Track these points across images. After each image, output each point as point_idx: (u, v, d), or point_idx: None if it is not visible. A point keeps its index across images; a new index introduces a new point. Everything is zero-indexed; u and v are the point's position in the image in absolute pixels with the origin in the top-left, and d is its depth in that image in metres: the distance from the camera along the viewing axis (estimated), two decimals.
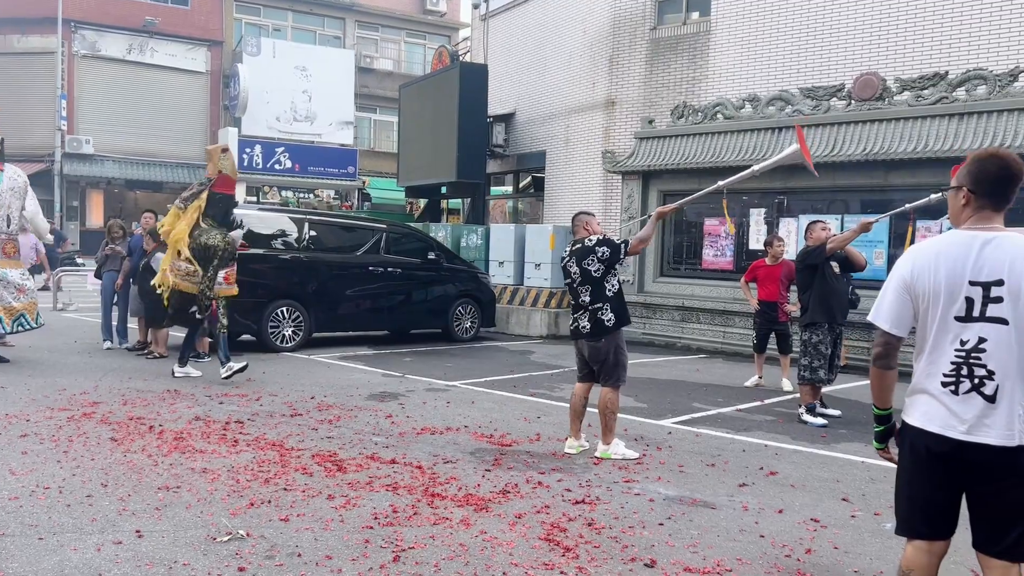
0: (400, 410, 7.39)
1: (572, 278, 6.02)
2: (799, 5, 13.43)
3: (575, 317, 6.06)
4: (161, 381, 8.44)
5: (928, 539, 2.74)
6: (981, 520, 2.67)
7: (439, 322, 12.99)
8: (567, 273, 6.07)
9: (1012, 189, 2.68)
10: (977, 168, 2.69)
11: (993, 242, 2.61)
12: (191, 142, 29.13)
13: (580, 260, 5.94)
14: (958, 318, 2.62)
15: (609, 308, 5.90)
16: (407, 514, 4.46)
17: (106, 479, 4.92)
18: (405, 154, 20.61)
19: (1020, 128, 9.92)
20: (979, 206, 2.69)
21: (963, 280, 2.61)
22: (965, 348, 2.61)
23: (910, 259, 2.74)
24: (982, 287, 2.60)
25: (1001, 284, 2.56)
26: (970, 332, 2.61)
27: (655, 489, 5.18)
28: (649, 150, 13.98)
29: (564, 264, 6.10)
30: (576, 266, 5.96)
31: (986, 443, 2.56)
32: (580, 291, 5.97)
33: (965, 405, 2.60)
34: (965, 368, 2.61)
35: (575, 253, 6.01)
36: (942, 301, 2.64)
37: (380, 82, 31.29)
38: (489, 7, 20.45)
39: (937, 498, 2.70)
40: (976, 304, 2.60)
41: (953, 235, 2.71)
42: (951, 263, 2.64)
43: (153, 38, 28.25)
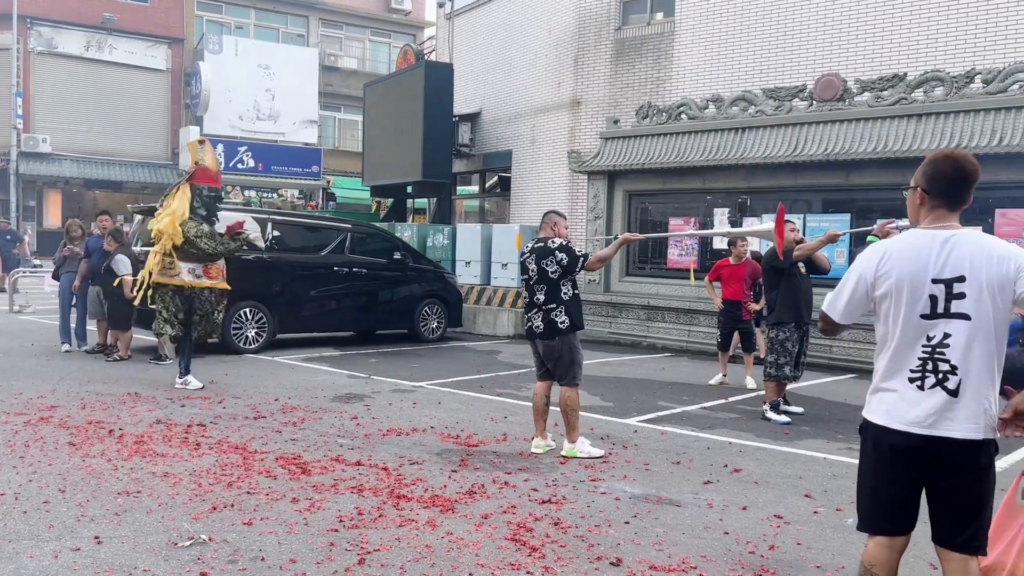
0: (366, 411, 7.34)
1: (529, 275, 6.02)
2: (762, 7, 13.58)
3: (529, 316, 6.06)
4: (121, 384, 8.29)
5: (890, 535, 2.78)
6: (942, 514, 2.71)
7: (405, 323, 12.93)
8: (524, 269, 6.08)
9: (967, 189, 2.73)
10: (932, 169, 2.75)
11: (952, 240, 2.66)
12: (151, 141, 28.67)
13: (539, 259, 5.94)
14: (923, 316, 2.67)
15: (563, 311, 5.89)
16: (372, 516, 4.43)
17: (64, 484, 4.81)
18: (370, 153, 20.49)
19: (976, 129, 10.13)
20: (934, 206, 2.74)
21: (926, 278, 2.66)
22: (931, 344, 2.66)
23: (873, 258, 2.78)
24: (944, 284, 2.64)
25: (963, 280, 2.61)
26: (936, 329, 2.65)
27: (621, 488, 5.20)
28: (614, 150, 14.04)
29: (523, 260, 6.11)
30: (535, 264, 5.96)
31: (950, 436, 2.60)
32: (536, 289, 5.97)
33: (929, 400, 2.64)
34: (930, 363, 2.66)
35: (536, 251, 6.00)
36: (905, 299, 2.68)
37: (344, 81, 31.07)
38: (454, 6, 20.40)
39: (899, 494, 2.74)
40: (940, 301, 2.64)
41: (913, 234, 2.75)
42: (913, 262, 2.68)
43: (112, 35, 27.73)
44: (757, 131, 12.23)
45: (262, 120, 27.59)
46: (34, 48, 27.09)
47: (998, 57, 10.93)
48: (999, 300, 2.60)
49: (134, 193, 27.92)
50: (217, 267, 8.59)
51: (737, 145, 12.35)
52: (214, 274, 8.55)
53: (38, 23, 27.01)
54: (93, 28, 27.45)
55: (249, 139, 27.16)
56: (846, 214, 11.48)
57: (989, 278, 2.59)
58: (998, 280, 2.59)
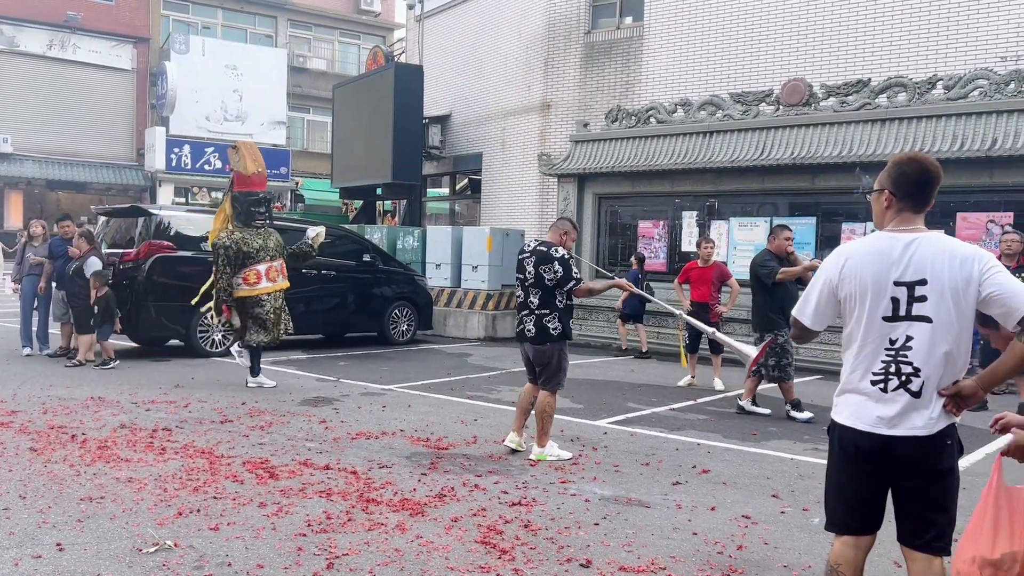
0: (334, 415, 7.29)
1: (526, 276, 5.93)
2: (730, 12, 13.72)
3: (521, 318, 5.99)
4: (84, 388, 8.15)
5: (856, 534, 2.81)
6: (906, 514, 2.74)
7: (375, 325, 12.86)
8: (521, 268, 5.96)
9: (930, 191, 2.76)
10: (897, 171, 2.77)
11: (915, 242, 2.68)
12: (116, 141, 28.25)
13: (539, 263, 5.86)
14: (885, 318, 2.70)
15: (557, 318, 5.87)
16: (341, 520, 4.40)
17: (25, 491, 4.72)
18: (339, 155, 20.37)
19: (938, 134, 10.32)
20: (900, 208, 2.77)
21: (888, 280, 2.69)
22: (894, 347, 2.69)
23: (838, 261, 2.82)
24: (907, 287, 2.67)
25: (924, 283, 2.64)
26: (898, 331, 2.68)
27: (591, 489, 5.22)
28: (584, 153, 14.10)
29: (521, 259, 5.98)
30: (533, 267, 5.88)
31: (911, 435, 2.64)
32: (530, 292, 5.90)
33: (892, 402, 2.68)
34: (894, 366, 2.69)
35: (536, 254, 5.90)
36: (868, 301, 2.71)
37: (313, 82, 30.87)
38: (424, 8, 20.37)
39: (865, 494, 2.77)
40: (902, 304, 2.67)
41: (877, 237, 2.78)
42: (876, 264, 2.71)
43: (75, 34, 27.28)
44: (725, 135, 12.35)
45: (229, 121, 27.31)
46: None
47: (959, 64, 11.16)
48: (962, 302, 2.62)
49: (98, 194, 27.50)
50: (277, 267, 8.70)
51: (705, 149, 12.45)
52: (273, 276, 8.64)
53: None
54: (56, 26, 26.99)
55: (216, 140, 26.86)
56: (812, 217, 11.63)
57: (952, 280, 2.61)
58: (961, 282, 2.61)
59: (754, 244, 12.10)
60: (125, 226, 11.31)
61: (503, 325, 14.51)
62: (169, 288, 10.44)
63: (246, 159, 8.67)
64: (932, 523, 2.69)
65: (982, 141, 9.93)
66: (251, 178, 8.67)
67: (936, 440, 2.66)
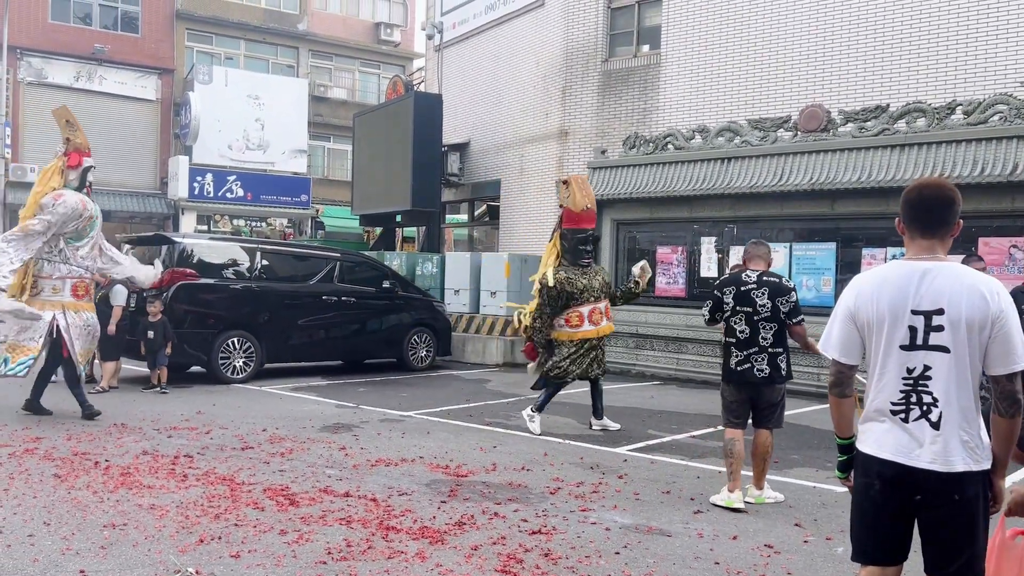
0: (354, 442, 7.30)
1: (757, 311, 5.54)
2: (746, 39, 13.78)
3: (748, 356, 5.54)
4: (107, 415, 8.22)
5: (882, 564, 2.78)
6: (930, 544, 2.71)
7: (394, 351, 12.90)
8: (749, 302, 5.55)
9: (937, 215, 2.72)
10: (904, 199, 2.80)
11: (932, 272, 2.67)
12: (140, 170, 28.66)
13: (774, 296, 5.53)
14: (903, 346, 2.69)
15: (787, 355, 5.64)
16: (361, 548, 4.40)
17: (49, 518, 4.76)
18: (359, 183, 20.56)
19: (958, 159, 10.27)
20: (912, 235, 2.77)
21: (906, 309, 2.68)
22: (912, 376, 2.68)
23: (854, 289, 2.82)
24: (924, 316, 2.66)
25: (942, 313, 2.63)
26: (915, 360, 2.67)
27: (611, 518, 5.19)
28: (602, 179, 14.14)
29: (747, 290, 5.57)
30: (769, 300, 5.52)
31: (932, 469, 2.62)
32: (762, 327, 5.53)
33: (915, 432, 2.66)
34: (914, 395, 2.67)
35: (768, 285, 5.55)
36: (886, 329, 2.71)
37: (334, 111, 31.22)
38: (443, 38, 20.61)
39: (890, 524, 2.74)
40: (919, 333, 2.66)
41: (895, 265, 2.78)
42: (893, 292, 2.71)
43: (102, 66, 27.81)
44: (743, 161, 12.36)
45: (251, 150, 27.65)
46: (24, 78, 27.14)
47: (978, 89, 11.12)
48: (976, 335, 2.61)
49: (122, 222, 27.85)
50: (601, 309, 8.18)
51: (723, 175, 12.46)
52: (596, 319, 8.15)
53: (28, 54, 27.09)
54: (84, 59, 27.54)
55: (238, 169, 27.19)
56: (831, 243, 11.58)
57: (970, 312, 2.60)
58: (979, 316, 2.60)
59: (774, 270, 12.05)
60: (149, 254, 11.46)
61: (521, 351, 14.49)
62: (191, 315, 10.56)
63: (576, 194, 8.24)
64: (959, 554, 2.65)
65: (1003, 166, 9.87)
66: (580, 214, 8.24)
67: (954, 474, 2.63)
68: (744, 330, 5.57)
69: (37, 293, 8.04)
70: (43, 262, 8.08)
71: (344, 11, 32.99)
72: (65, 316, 8.08)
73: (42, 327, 7.91)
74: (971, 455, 2.63)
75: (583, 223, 8.26)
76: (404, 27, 34.06)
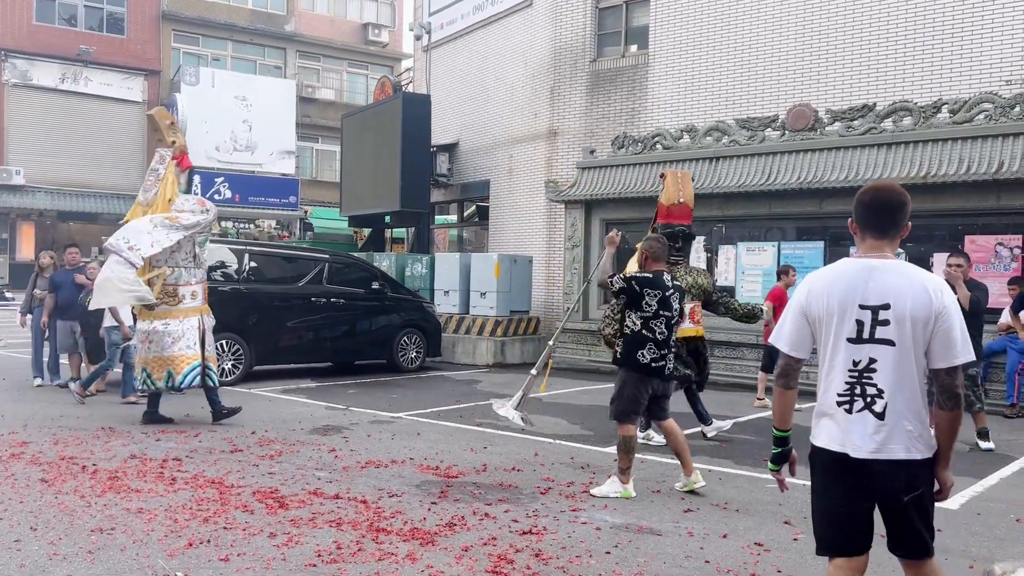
0: (344, 443, 7.28)
1: (673, 314, 5.73)
2: (734, 39, 13.82)
3: (663, 355, 5.70)
4: (95, 419, 8.17)
5: (847, 555, 2.84)
6: (891, 528, 2.83)
7: (384, 353, 12.87)
8: (669, 307, 5.70)
9: (889, 217, 2.83)
10: (858, 200, 2.90)
11: (879, 268, 2.79)
12: (127, 172, 28.52)
13: (682, 299, 5.83)
14: (850, 339, 2.80)
15: None
16: (351, 550, 4.38)
17: (35, 522, 4.72)
18: (348, 183, 20.51)
19: (944, 157, 10.33)
20: (863, 235, 2.88)
21: (854, 304, 2.79)
22: (858, 368, 2.79)
23: (807, 285, 2.94)
24: (871, 311, 2.78)
25: (888, 308, 2.74)
26: (861, 353, 2.79)
27: (602, 517, 5.19)
28: (591, 179, 14.17)
29: (669, 295, 5.71)
30: (679, 305, 5.81)
31: (877, 458, 2.73)
32: (672, 329, 5.76)
33: (859, 423, 2.77)
34: (858, 387, 2.79)
35: (679, 290, 5.81)
36: (835, 323, 2.83)
37: (322, 112, 31.15)
38: (431, 38, 20.59)
39: (850, 514, 2.82)
40: (866, 327, 2.78)
41: (846, 263, 2.90)
42: (843, 288, 2.82)
43: (88, 67, 27.66)
44: (731, 160, 12.40)
45: (239, 151, 27.56)
46: (8, 80, 26.96)
47: (964, 88, 11.19)
48: (920, 329, 2.73)
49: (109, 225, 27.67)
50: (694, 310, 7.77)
51: (712, 174, 12.50)
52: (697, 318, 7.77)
53: (13, 55, 26.91)
54: (69, 60, 27.38)
55: (226, 170, 27.08)
56: (819, 241, 11.64)
57: (915, 308, 2.72)
58: (923, 312, 2.71)
59: (762, 268, 12.12)
60: None
61: (512, 351, 14.50)
62: None
63: (669, 188, 8.05)
64: (915, 536, 2.79)
65: (988, 164, 9.94)
66: (670, 209, 8.04)
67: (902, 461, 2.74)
68: (663, 332, 5.71)
69: (179, 302, 8.06)
70: (180, 270, 8.13)
71: (331, 12, 32.92)
72: (203, 321, 8.22)
73: (192, 335, 8.01)
74: (915, 444, 2.74)
75: (673, 218, 8.04)
76: (392, 28, 34.02)
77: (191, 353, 8.01)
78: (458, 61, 19.74)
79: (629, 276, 5.82)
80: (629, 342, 5.75)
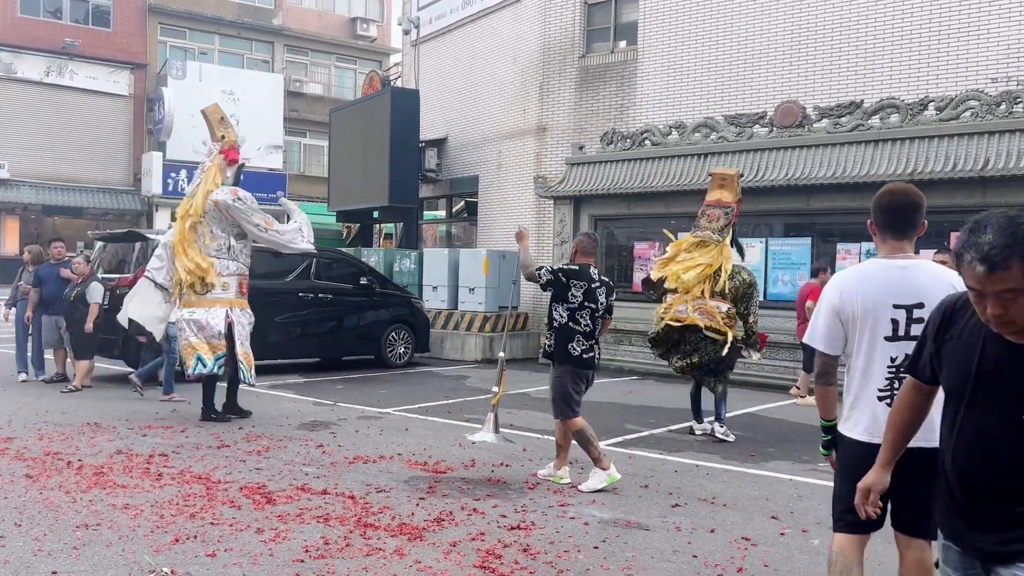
0: (332, 439, 7.26)
1: (598, 308, 5.86)
2: (723, 35, 13.84)
3: (592, 346, 5.89)
4: (80, 414, 8.11)
5: (862, 533, 2.96)
6: (907, 509, 2.93)
7: (372, 348, 12.84)
8: (594, 299, 5.82)
9: (907, 218, 2.97)
10: (874, 203, 3.05)
11: (910, 269, 2.93)
12: (113, 167, 28.34)
13: (609, 294, 5.98)
14: (887, 338, 2.92)
15: None
16: (339, 546, 4.37)
17: (20, 519, 4.69)
18: (336, 179, 20.43)
19: (930, 155, 10.38)
20: (883, 236, 3.02)
21: (887, 303, 2.91)
22: (895, 364, 2.91)
23: (837, 287, 3.03)
24: (905, 310, 2.89)
25: (922, 307, 2.86)
26: (898, 350, 2.90)
27: (590, 512, 5.20)
28: (580, 175, 14.16)
29: (594, 288, 5.81)
30: (605, 299, 5.93)
31: (919, 446, 2.78)
32: (597, 322, 5.88)
33: None
34: (897, 382, 2.89)
35: (605, 284, 5.97)
36: (869, 323, 2.93)
37: (310, 106, 31.02)
38: (420, 33, 20.53)
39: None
40: (901, 325, 2.90)
41: (873, 263, 3.01)
42: (874, 288, 2.93)
43: (73, 60, 27.45)
44: (719, 157, 12.42)
45: None
46: None
47: (950, 86, 11.24)
48: None
49: (94, 219, 27.52)
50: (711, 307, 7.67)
51: (700, 170, 12.51)
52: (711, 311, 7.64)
53: None
54: (54, 53, 27.15)
55: None
56: (807, 237, 11.68)
57: None
58: None
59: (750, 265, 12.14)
60: (122, 251, 11.32)
61: (500, 347, 14.48)
62: None
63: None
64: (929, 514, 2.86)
65: (975, 161, 9.99)
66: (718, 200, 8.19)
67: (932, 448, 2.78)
68: (588, 324, 5.83)
69: (207, 291, 8.06)
70: (213, 260, 8.10)
71: (319, 6, 32.77)
72: (232, 313, 8.17)
73: (218, 325, 8.01)
74: None
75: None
76: (380, 22, 33.91)
77: (216, 343, 8.03)
78: (447, 56, 19.69)
79: (556, 268, 5.89)
80: (558, 336, 5.85)
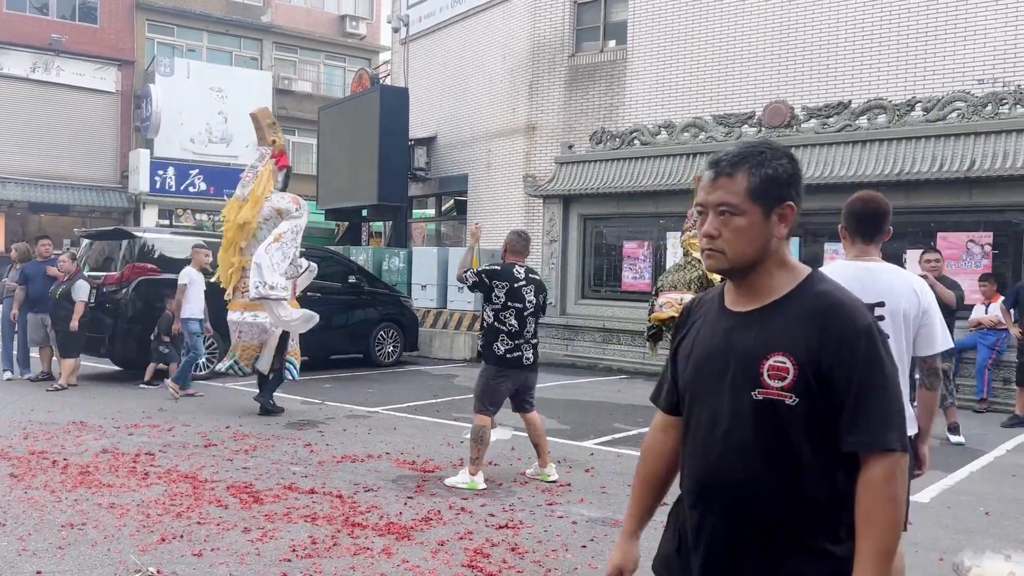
0: (319, 438, 7.24)
1: (525, 306, 5.80)
2: (712, 35, 13.88)
3: (519, 346, 5.78)
4: (66, 413, 8.06)
5: None
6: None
7: (360, 347, 12.81)
8: (520, 298, 5.76)
9: (876, 224, 3.17)
10: (847, 208, 3.23)
11: (875, 271, 3.10)
12: (100, 164, 28.13)
13: (539, 292, 5.92)
14: None
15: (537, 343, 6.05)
16: (326, 545, 4.36)
17: (4, 518, 4.66)
18: (325, 177, 20.38)
19: (917, 155, 10.44)
20: (852, 240, 3.20)
21: None
22: None
23: None
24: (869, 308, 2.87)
25: (883, 306, 3.01)
26: None
27: (578, 511, 5.20)
28: (569, 174, 14.17)
29: (519, 287, 5.78)
30: (535, 296, 5.87)
31: None
32: (530, 321, 5.83)
33: None
34: None
35: (534, 282, 5.88)
36: None
37: (299, 104, 30.89)
38: (409, 31, 20.49)
39: None
40: None
41: (842, 265, 3.21)
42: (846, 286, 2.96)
43: (60, 56, 27.22)
44: (708, 156, 12.42)
45: (214, 143, 27.28)
46: None
47: (937, 87, 11.31)
48: (910, 324, 3.06)
49: (81, 216, 27.32)
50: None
51: (689, 170, 12.53)
52: None
53: None
54: (40, 49, 26.93)
55: (201, 162, 26.81)
56: (794, 238, 11.71)
57: (907, 307, 3.04)
58: (912, 309, 3.05)
59: None
60: (108, 249, 11.25)
61: None
62: (153, 311, 10.37)
63: None
64: None
65: (961, 162, 10.05)
66: None
67: None
68: (513, 324, 5.78)
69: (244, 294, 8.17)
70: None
71: (308, 3, 32.64)
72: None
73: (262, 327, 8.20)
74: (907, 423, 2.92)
75: None
76: (370, 20, 33.79)
77: (255, 343, 8.26)
78: (436, 54, 19.66)
79: (480, 269, 5.91)
80: (486, 335, 5.89)
